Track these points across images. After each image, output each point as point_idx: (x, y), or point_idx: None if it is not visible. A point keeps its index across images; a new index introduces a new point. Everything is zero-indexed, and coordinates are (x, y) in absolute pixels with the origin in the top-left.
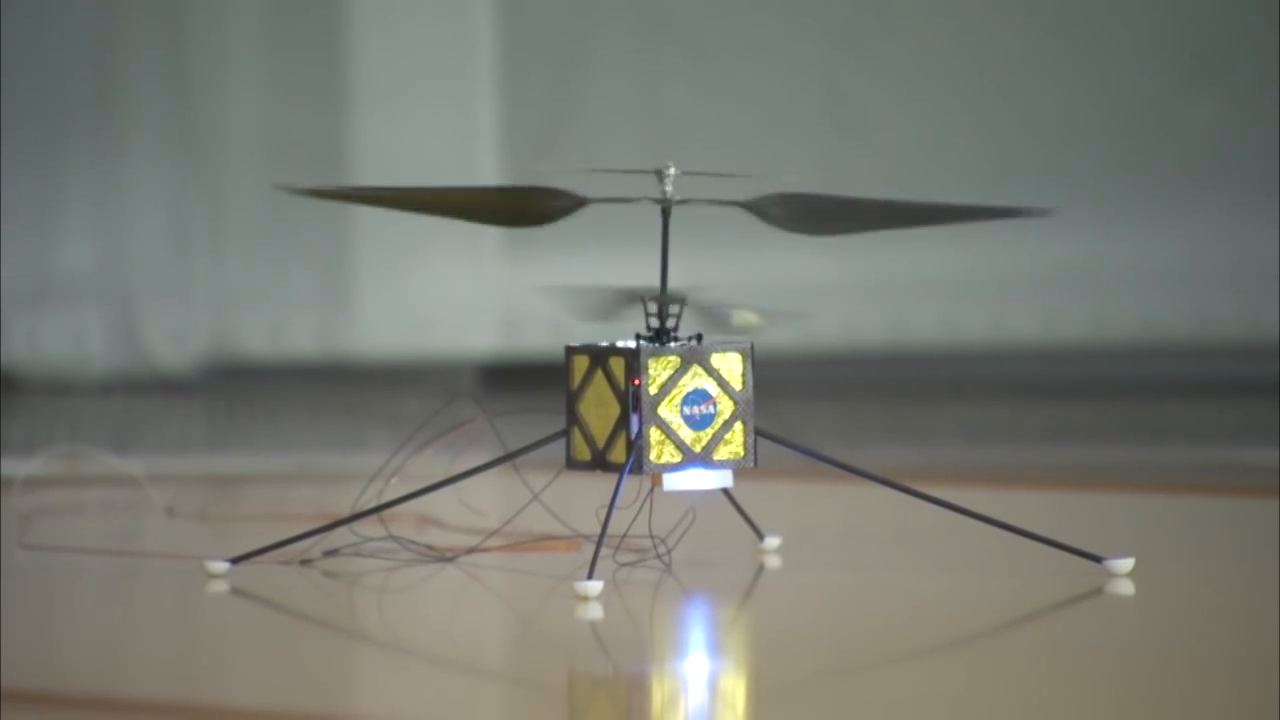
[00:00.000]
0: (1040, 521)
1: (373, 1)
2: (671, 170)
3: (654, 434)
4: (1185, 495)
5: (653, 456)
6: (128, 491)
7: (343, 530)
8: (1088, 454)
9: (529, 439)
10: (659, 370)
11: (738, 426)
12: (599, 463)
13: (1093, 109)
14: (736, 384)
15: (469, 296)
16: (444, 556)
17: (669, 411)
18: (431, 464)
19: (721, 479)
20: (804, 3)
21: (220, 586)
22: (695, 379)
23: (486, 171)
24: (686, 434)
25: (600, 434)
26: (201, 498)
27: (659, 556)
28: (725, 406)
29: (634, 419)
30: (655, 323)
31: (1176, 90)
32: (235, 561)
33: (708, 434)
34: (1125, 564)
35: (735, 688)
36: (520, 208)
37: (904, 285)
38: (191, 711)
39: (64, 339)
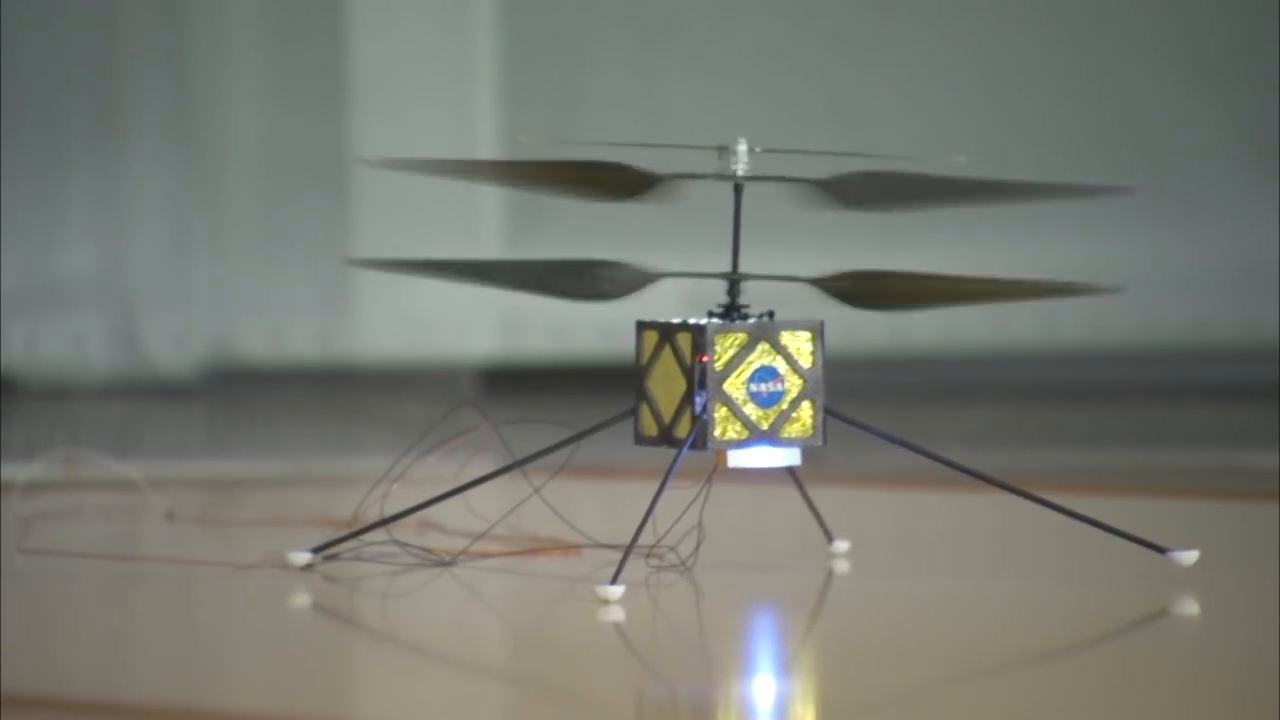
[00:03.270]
0: (1039, 522)
1: (373, 4)
2: (742, 146)
3: (719, 410)
4: (1186, 499)
5: (717, 433)
6: (128, 496)
7: (342, 533)
8: (1088, 458)
9: (532, 445)
10: (725, 346)
11: (806, 405)
12: (665, 438)
13: (1093, 112)
14: (805, 362)
15: (469, 300)
16: (444, 561)
17: (735, 388)
18: (437, 469)
19: (788, 456)
20: (805, 3)
21: (294, 585)
22: (763, 356)
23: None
24: (753, 411)
25: (667, 409)
26: (202, 502)
27: (681, 562)
28: (793, 384)
29: (699, 395)
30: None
31: (1177, 93)
32: (317, 551)
33: (774, 411)
34: (1190, 555)
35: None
36: (594, 183)
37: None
38: (192, 715)
39: (64, 343)
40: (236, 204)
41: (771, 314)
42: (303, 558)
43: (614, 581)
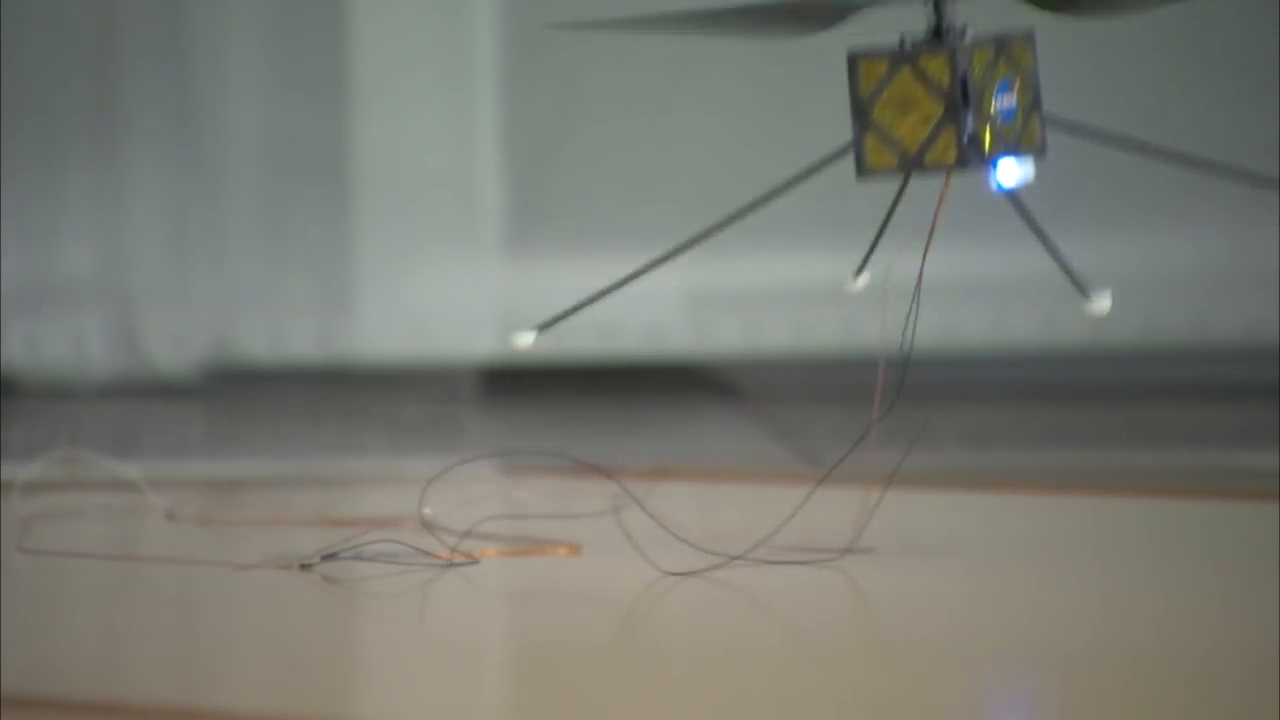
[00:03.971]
0: (1041, 524)
1: (373, 4)
2: None
3: (984, 130)
4: (1186, 499)
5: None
6: (128, 496)
7: (343, 534)
8: (1088, 458)
9: (532, 445)
10: (979, 64)
11: (1034, 117)
12: (912, 164)
13: (1092, 112)
14: (1028, 71)
15: (470, 300)
16: (445, 562)
17: (989, 106)
18: (436, 471)
19: (1027, 170)
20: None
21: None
22: (1002, 71)
23: (489, 173)
24: (1000, 128)
25: (911, 137)
26: (202, 502)
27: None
28: (1024, 97)
29: (966, 114)
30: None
31: (1176, 93)
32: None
33: (1014, 126)
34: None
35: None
36: (792, 15)
37: (904, 288)
38: (192, 715)
39: (64, 342)
40: (236, 204)
41: (965, 29)
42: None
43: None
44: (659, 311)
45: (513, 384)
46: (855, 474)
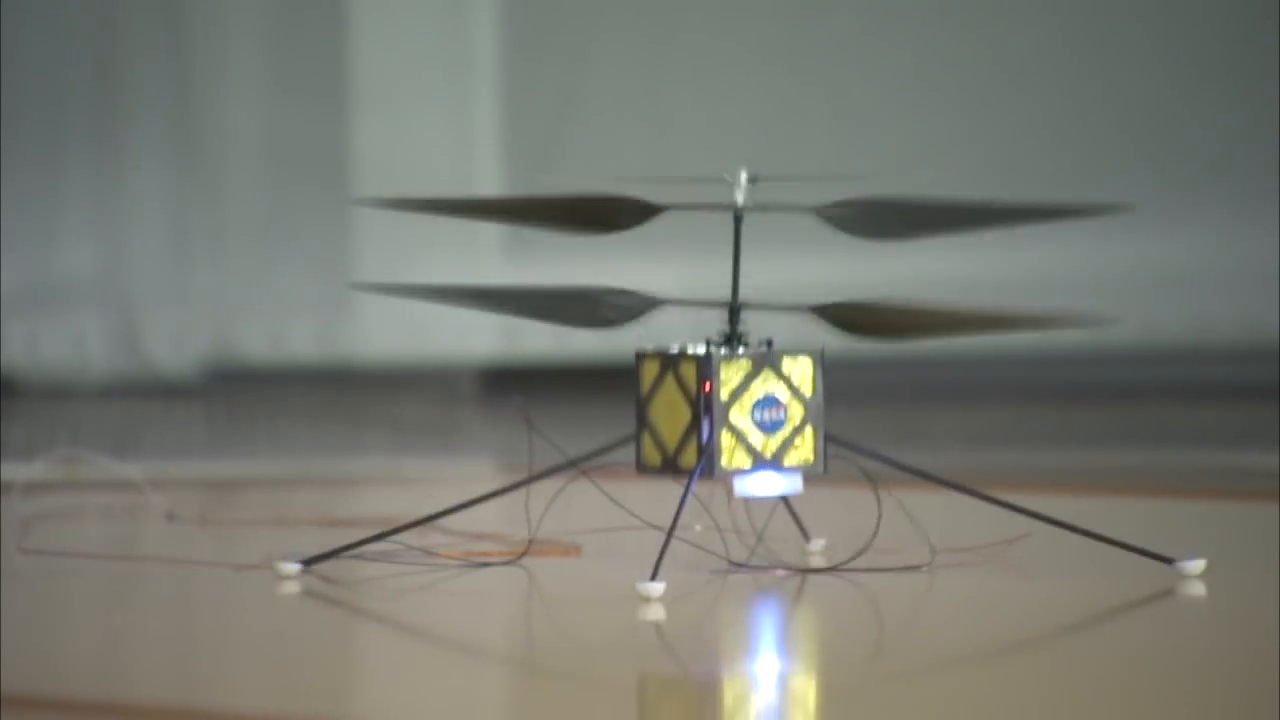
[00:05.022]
0: (1040, 524)
1: (373, 4)
2: (743, 176)
3: (726, 439)
4: (1186, 499)
5: (724, 462)
6: (128, 496)
7: (342, 534)
8: (1088, 458)
9: (532, 446)
10: (731, 375)
11: (808, 431)
12: (670, 467)
13: (1092, 112)
14: (807, 389)
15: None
16: (446, 562)
17: (740, 416)
18: (435, 470)
19: (792, 484)
20: (808, 3)
21: (291, 588)
22: (766, 384)
23: (489, 173)
24: (757, 439)
25: (671, 439)
26: (201, 502)
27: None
28: (795, 412)
29: (705, 423)
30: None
31: (1176, 93)
32: (307, 564)
33: (778, 439)
34: (1196, 565)
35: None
36: (593, 216)
37: (903, 289)
38: (192, 715)
39: (64, 343)
40: (236, 204)
41: (770, 342)
42: (291, 568)
43: (654, 577)
44: (658, 311)
45: (513, 384)
46: (850, 474)
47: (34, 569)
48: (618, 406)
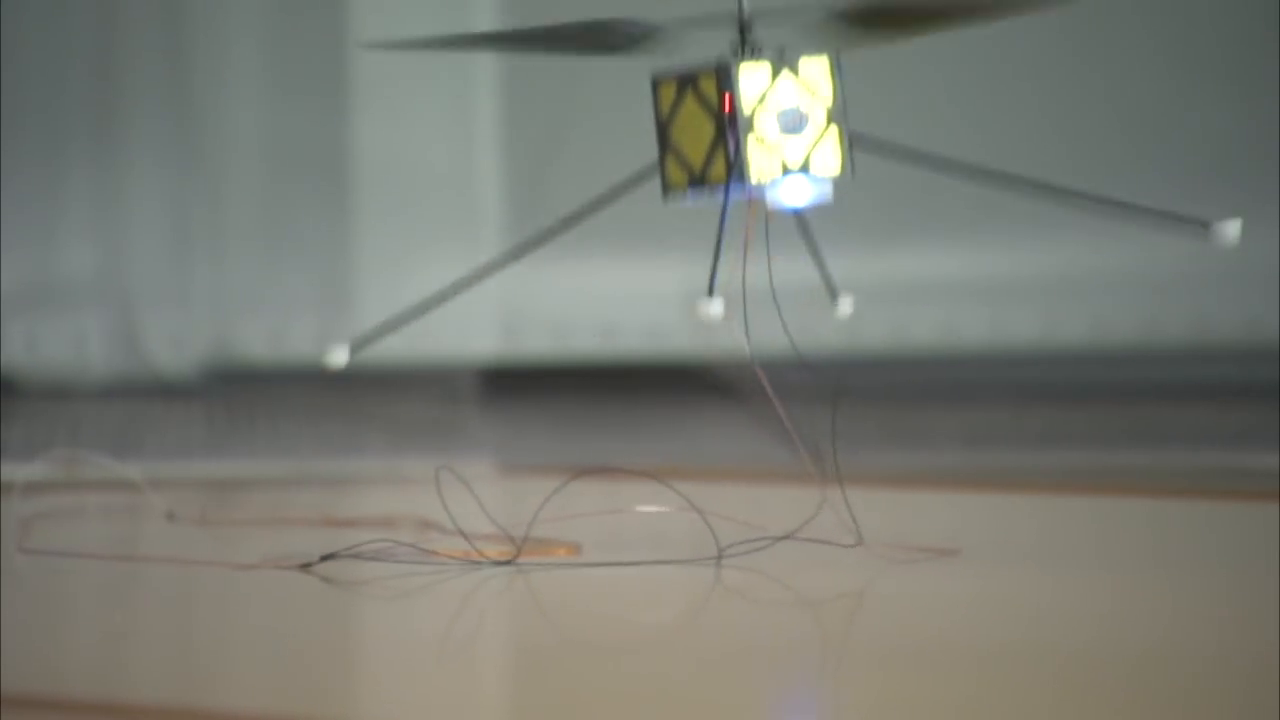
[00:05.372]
0: (1040, 524)
1: (373, 4)
2: None
3: (753, 145)
4: (1185, 499)
5: (752, 175)
6: (128, 496)
7: (343, 534)
8: (1088, 458)
9: (531, 444)
10: (750, 83)
11: (833, 134)
12: (698, 183)
13: (1092, 112)
14: (827, 91)
15: (469, 300)
16: (446, 561)
17: (764, 123)
18: (436, 470)
19: (822, 191)
20: (806, 4)
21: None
22: (786, 88)
23: (489, 173)
24: (783, 145)
25: (696, 157)
26: (202, 502)
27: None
28: (818, 115)
29: (731, 134)
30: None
31: (1176, 93)
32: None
33: (805, 146)
34: (1234, 226)
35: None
36: (592, 39)
37: (903, 289)
38: (192, 715)
39: (64, 343)
40: (236, 204)
41: (783, 50)
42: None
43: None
44: (659, 311)
45: (513, 384)
46: (850, 474)
47: (34, 569)
48: (618, 407)
